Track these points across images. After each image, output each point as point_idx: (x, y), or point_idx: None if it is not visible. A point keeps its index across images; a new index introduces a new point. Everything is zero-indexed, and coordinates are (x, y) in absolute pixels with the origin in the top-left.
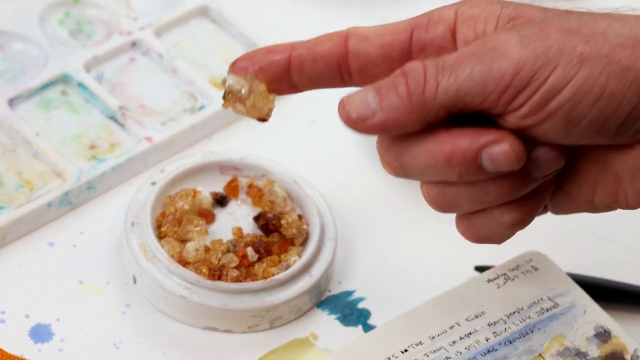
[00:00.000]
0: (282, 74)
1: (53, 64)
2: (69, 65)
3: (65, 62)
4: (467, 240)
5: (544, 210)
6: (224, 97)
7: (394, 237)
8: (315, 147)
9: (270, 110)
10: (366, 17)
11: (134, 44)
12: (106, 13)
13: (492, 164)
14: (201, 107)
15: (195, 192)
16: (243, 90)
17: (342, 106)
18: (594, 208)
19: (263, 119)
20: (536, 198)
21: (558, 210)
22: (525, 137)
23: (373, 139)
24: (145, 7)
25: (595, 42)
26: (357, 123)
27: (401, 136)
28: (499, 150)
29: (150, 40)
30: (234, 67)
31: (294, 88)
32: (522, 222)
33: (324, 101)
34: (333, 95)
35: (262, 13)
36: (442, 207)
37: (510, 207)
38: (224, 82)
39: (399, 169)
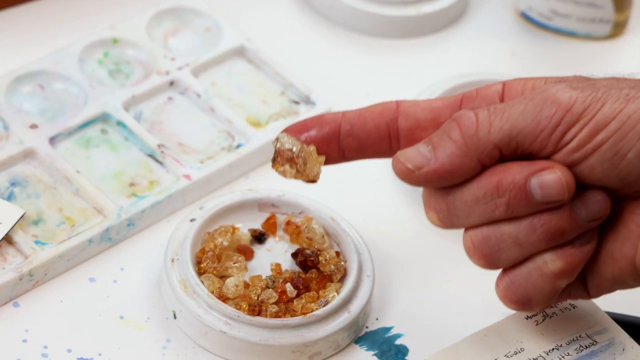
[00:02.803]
0: (332, 140)
1: (92, 103)
2: (108, 104)
3: (105, 101)
4: (507, 307)
5: (584, 294)
6: (273, 159)
7: (431, 274)
8: (351, 184)
9: (319, 173)
10: (405, 58)
11: (171, 84)
12: (144, 53)
13: (541, 192)
14: (238, 146)
15: (234, 229)
16: (294, 149)
17: (397, 159)
18: (635, 271)
19: (312, 181)
20: (580, 249)
21: (598, 282)
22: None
23: None
24: (182, 47)
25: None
26: (412, 173)
27: None
28: (550, 177)
29: (188, 79)
30: (286, 131)
31: (342, 155)
32: (565, 273)
33: None
34: None
35: (298, 53)
36: (485, 255)
37: (553, 254)
38: (275, 141)
39: (445, 211)
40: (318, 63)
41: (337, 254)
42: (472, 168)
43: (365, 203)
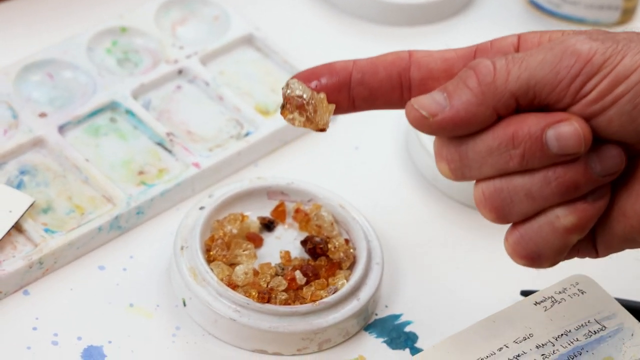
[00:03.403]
0: (342, 88)
1: (101, 92)
2: (117, 92)
3: (114, 89)
4: (516, 262)
5: (593, 253)
6: (282, 106)
7: (440, 261)
8: (360, 172)
9: (329, 121)
10: (413, 46)
11: (180, 72)
12: (152, 42)
13: (558, 144)
14: (247, 134)
15: (243, 217)
16: (305, 95)
17: (410, 106)
18: None
19: (322, 129)
20: (592, 205)
21: (608, 240)
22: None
23: (417, 159)
24: (190, 36)
25: None
26: (426, 120)
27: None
28: (567, 129)
29: (196, 68)
30: (296, 77)
31: (352, 104)
32: (577, 228)
33: (367, 127)
34: (376, 121)
35: (306, 41)
36: (496, 208)
37: (566, 209)
38: (285, 87)
39: (457, 162)
40: (326, 51)
41: (346, 241)
42: (487, 117)
43: (374, 190)
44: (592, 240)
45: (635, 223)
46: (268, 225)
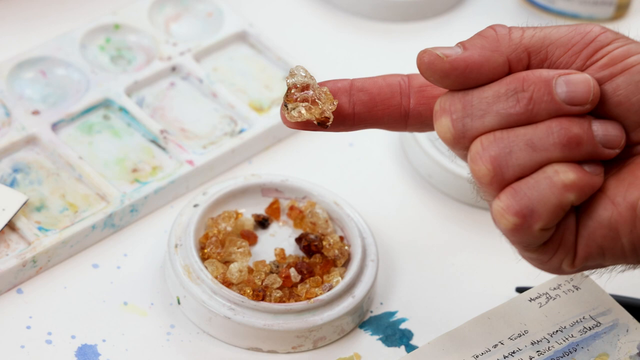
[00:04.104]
0: (343, 93)
1: (94, 89)
2: (111, 90)
3: (107, 87)
4: (506, 222)
5: (571, 253)
6: (286, 95)
7: (435, 258)
8: (354, 169)
9: (331, 116)
10: (407, 42)
11: (173, 69)
12: (146, 39)
13: (567, 89)
14: (241, 131)
15: (237, 214)
16: (310, 81)
17: (424, 50)
18: (632, 217)
19: (324, 121)
20: (590, 175)
21: (590, 228)
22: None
23: (412, 156)
24: (184, 33)
25: None
26: (440, 60)
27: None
28: (577, 77)
29: (190, 65)
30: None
31: (352, 109)
32: (576, 188)
33: None
34: None
35: (300, 38)
36: (494, 158)
37: (565, 165)
38: (291, 74)
39: (460, 111)
40: (320, 47)
41: (341, 238)
42: (500, 65)
43: (368, 187)
44: (574, 233)
45: (623, 211)
46: (262, 222)
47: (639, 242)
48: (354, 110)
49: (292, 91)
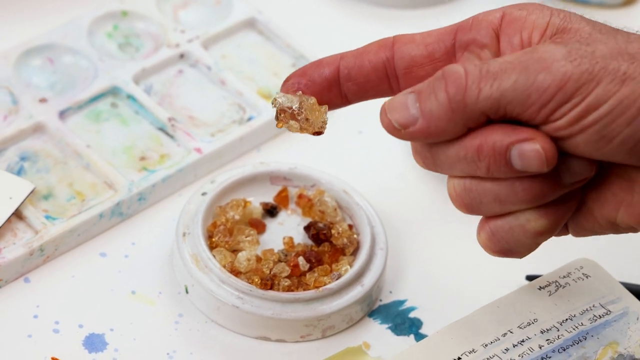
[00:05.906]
0: (332, 85)
1: (102, 77)
2: (118, 77)
3: (115, 74)
4: (489, 254)
5: (564, 232)
6: (276, 118)
7: (444, 247)
8: (363, 157)
9: (324, 123)
10: (415, 29)
11: (182, 56)
12: (154, 26)
13: (521, 162)
14: (249, 119)
15: (245, 203)
16: (294, 106)
17: (385, 113)
18: (614, 228)
19: (318, 133)
20: (563, 207)
21: (578, 230)
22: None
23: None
24: (192, 19)
25: (639, 64)
26: (399, 131)
27: None
28: (530, 148)
29: (198, 52)
30: (284, 86)
31: (345, 99)
32: (548, 231)
33: (370, 112)
34: (379, 106)
35: (309, 25)
36: (466, 205)
37: (536, 213)
38: (274, 102)
39: (429, 159)
40: (328, 34)
41: (350, 227)
42: (457, 131)
43: (377, 175)
44: (564, 225)
45: (604, 224)
46: (271, 211)
47: None
48: (347, 98)
49: (282, 116)
